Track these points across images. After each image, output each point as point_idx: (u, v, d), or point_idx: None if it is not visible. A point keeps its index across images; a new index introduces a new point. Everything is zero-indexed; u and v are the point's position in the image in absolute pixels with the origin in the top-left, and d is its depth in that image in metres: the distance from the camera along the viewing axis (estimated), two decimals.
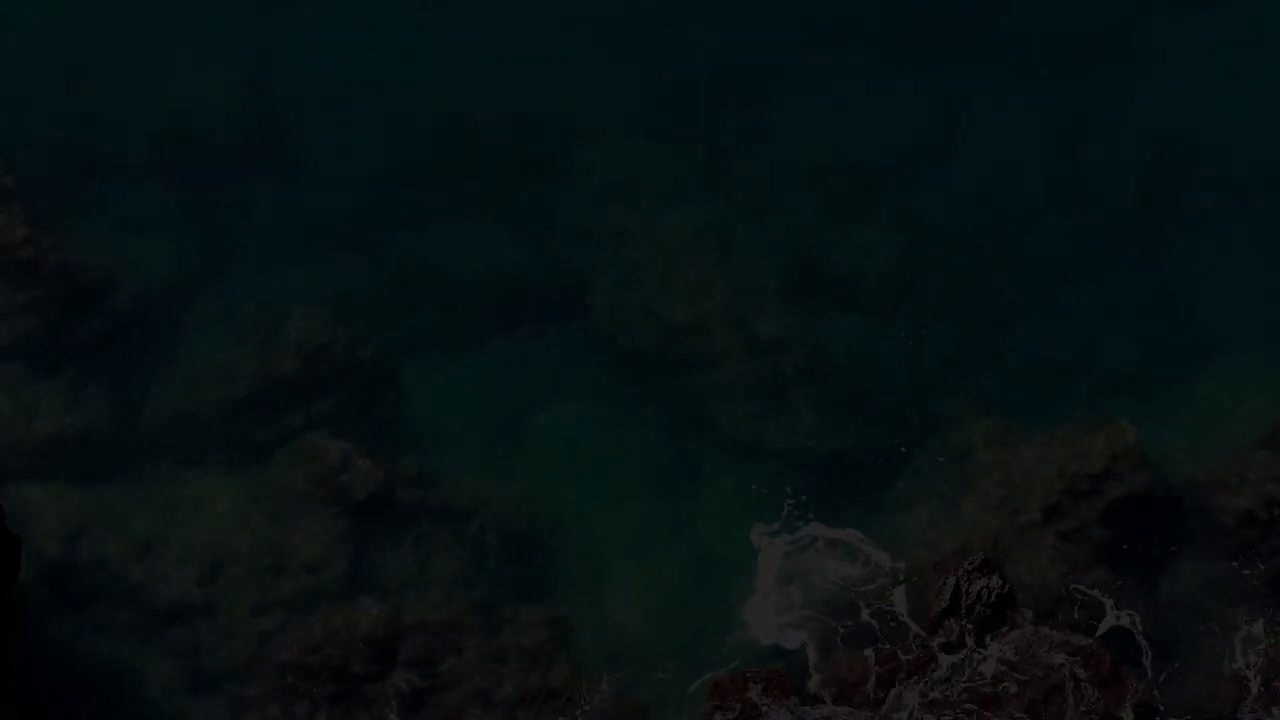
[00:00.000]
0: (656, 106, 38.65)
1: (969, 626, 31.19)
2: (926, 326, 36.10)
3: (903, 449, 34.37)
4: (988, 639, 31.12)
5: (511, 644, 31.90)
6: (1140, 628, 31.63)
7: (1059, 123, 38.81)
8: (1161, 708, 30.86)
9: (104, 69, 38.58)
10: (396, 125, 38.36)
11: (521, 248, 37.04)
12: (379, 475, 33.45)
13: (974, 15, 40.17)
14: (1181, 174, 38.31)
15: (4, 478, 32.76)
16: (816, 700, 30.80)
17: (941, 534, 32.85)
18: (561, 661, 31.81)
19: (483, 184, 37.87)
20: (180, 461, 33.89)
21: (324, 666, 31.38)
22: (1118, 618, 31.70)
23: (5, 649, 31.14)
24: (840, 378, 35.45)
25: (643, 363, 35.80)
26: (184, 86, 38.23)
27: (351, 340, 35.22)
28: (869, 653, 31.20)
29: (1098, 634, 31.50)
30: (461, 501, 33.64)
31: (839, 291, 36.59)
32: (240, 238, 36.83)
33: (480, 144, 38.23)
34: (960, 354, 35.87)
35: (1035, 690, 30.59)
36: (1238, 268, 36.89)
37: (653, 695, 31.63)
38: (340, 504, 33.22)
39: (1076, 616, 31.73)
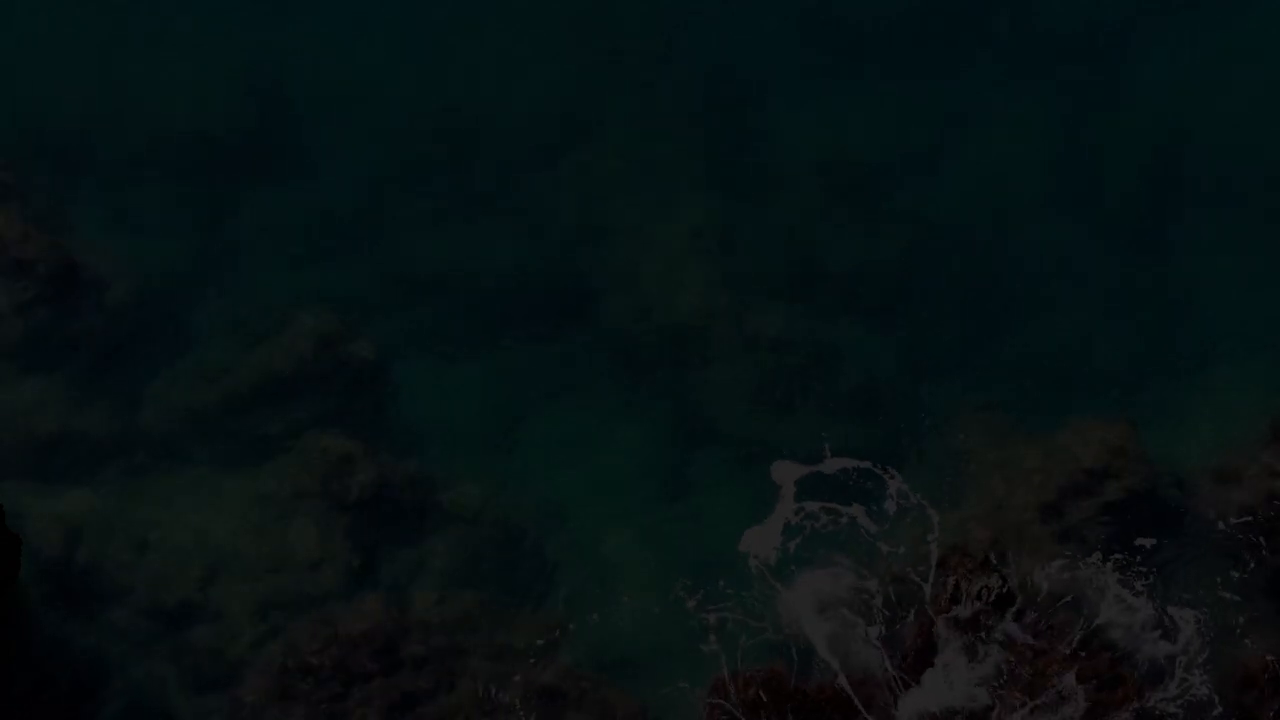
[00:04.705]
0: (657, 106, 38.72)
1: (970, 623, 31.22)
2: (926, 325, 36.17)
3: (903, 448, 34.38)
4: (988, 635, 31.16)
5: (511, 643, 31.90)
6: (1140, 626, 31.63)
7: (1058, 122, 38.91)
8: (1162, 706, 30.86)
9: (105, 67, 38.64)
10: (397, 125, 38.44)
11: (522, 247, 37.09)
12: (379, 474, 33.45)
13: (974, 16, 40.25)
14: (1180, 173, 38.43)
15: (4, 477, 32.74)
16: (819, 699, 30.83)
17: (942, 533, 32.83)
18: (560, 661, 31.79)
19: (484, 183, 37.95)
20: (180, 460, 33.89)
21: (324, 666, 31.36)
22: (1118, 616, 31.70)
23: (5, 649, 31.09)
24: (840, 377, 35.48)
25: (643, 362, 35.83)
26: (184, 85, 38.31)
27: (352, 339, 35.23)
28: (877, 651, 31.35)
29: (1098, 632, 31.50)
30: (461, 501, 33.64)
31: (839, 291, 36.64)
32: (240, 236, 36.89)
33: (481, 143, 38.32)
34: (960, 352, 35.94)
35: (1035, 690, 30.60)
36: (1236, 266, 36.97)
37: (651, 694, 31.61)
38: (340, 503, 33.22)
39: (1076, 615, 31.74)
